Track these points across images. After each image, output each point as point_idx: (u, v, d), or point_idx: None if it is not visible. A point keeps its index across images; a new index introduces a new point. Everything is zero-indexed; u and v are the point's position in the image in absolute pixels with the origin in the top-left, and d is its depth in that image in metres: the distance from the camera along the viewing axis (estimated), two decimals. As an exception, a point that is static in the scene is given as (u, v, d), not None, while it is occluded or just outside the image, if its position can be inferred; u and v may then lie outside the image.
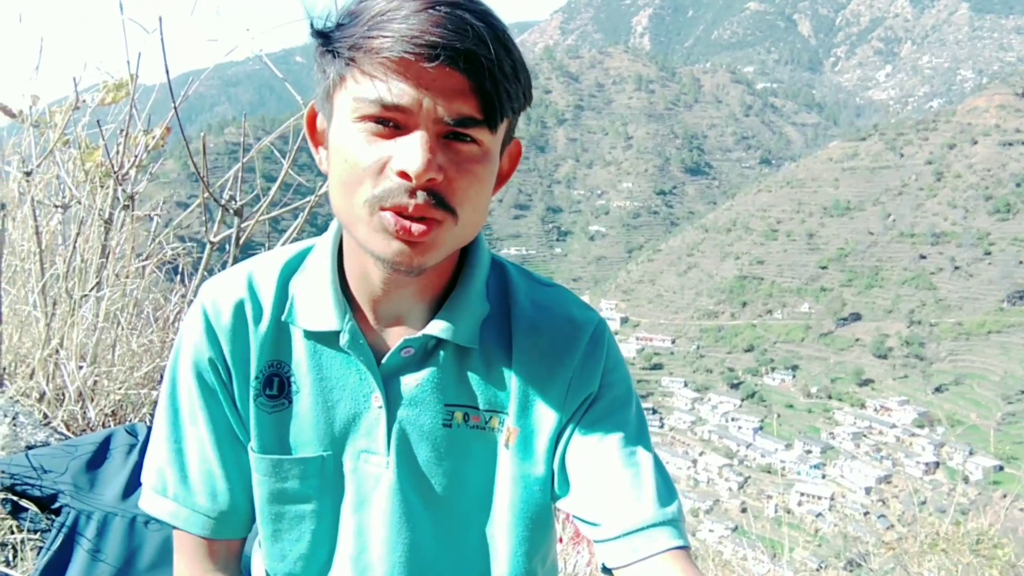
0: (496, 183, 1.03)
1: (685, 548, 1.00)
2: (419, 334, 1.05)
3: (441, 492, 1.09)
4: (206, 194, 2.82)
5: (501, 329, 1.09)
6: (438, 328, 1.04)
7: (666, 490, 1.05)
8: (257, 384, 1.08)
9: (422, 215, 0.92)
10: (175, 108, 2.74)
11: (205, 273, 2.89)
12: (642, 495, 1.02)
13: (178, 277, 3.12)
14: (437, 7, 0.87)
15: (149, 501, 1.12)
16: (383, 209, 0.92)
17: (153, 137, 2.93)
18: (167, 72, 2.59)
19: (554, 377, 1.08)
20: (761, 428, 77.09)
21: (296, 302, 1.08)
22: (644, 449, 1.07)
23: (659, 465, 1.07)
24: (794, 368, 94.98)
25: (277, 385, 1.08)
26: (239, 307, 1.08)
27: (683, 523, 1.04)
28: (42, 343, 2.45)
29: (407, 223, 0.92)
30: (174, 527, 1.12)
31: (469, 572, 1.13)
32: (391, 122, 0.90)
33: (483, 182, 0.96)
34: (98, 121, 2.78)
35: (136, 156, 2.84)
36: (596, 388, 1.09)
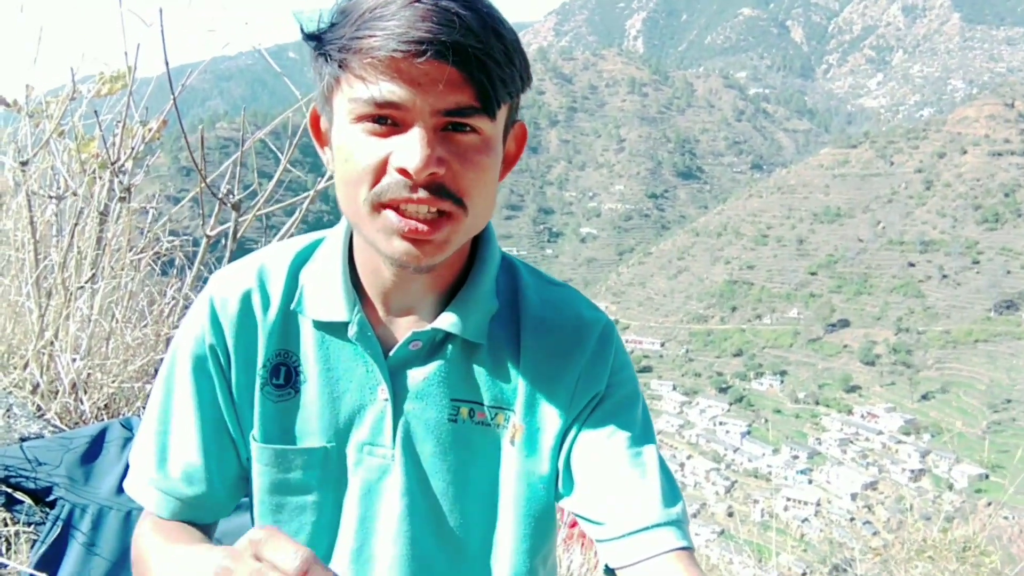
0: (503, 167, 1.02)
1: (689, 549, 1.00)
2: (427, 327, 1.04)
3: (444, 487, 1.08)
4: (202, 187, 2.80)
5: (510, 326, 1.09)
6: (447, 322, 1.04)
7: (671, 491, 1.04)
8: (264, 373, 1.07)
9: (431, 207, 0.92)
10: (174, 100, 2.72)
11: (201, 267, 2.87)
12: (647, 495, 1.02)
13: (173, 271, 3.10)
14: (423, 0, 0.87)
15: (129, 480, 1.13)
16: (385, 206, 0.92)
17: (150, 129, 2.91)
18: (167, 64, 2.58)
19: (561, 376, 1.08)
20: (749, 433, 77.27)
21: (305, 292, 1.08)
22: (649, 450, 1.06)
23: (664, 466, 1.06)
24: (782, 373, 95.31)
25: (284, 374, 1.08)
26: (246, 297, 1.08)
27: (687, 524, 1.03)
28: (36, 335, 2.43)
29: (414, 223, 0.92)
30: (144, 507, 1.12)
31: (471, 569, 1.12)
32: (388, 119, 0.90)
33: (488, 171, 0.95)
34: (95, 112, 2.76)
35: (133, 148, 2.82)
36: (603, 388, 1.08)
